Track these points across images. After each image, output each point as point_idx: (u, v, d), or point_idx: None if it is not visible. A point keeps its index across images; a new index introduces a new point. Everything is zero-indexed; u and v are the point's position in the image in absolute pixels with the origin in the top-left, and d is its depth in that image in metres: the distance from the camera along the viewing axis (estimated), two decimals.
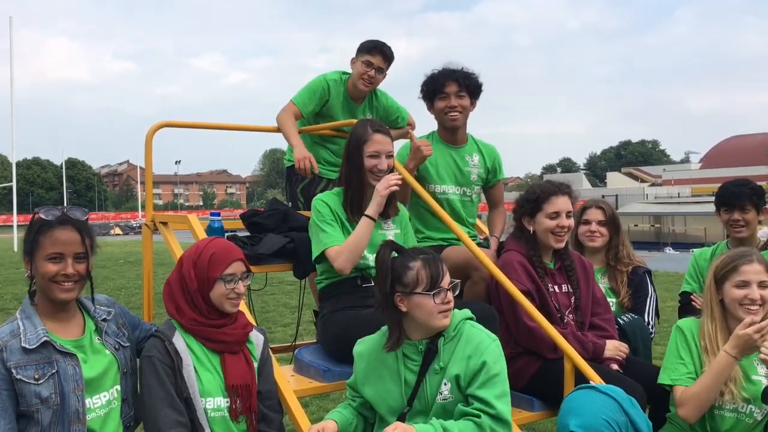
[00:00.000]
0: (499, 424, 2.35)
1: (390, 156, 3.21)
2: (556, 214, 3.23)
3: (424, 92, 3.86)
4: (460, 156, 3.85)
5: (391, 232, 3.24)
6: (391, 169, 3.23)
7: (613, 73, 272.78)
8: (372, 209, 3.09)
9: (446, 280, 2.45)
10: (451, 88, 3.73)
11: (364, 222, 3.07)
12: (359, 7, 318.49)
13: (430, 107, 3.85)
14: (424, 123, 4.35)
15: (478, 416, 2.33)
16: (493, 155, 3.97)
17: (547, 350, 3.05)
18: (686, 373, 2.81)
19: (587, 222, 3.76)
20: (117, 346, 2.52)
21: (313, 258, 3.13)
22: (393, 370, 2.50)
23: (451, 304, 2.46)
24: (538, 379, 3.08)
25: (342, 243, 3.05)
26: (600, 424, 2.35)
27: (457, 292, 2.50)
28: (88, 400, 2.35)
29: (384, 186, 3.09)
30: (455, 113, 3.75)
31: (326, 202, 3.18)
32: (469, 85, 3.77)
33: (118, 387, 2.47)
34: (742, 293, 2.78)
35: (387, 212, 3.24)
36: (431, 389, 2.45)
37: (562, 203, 3.25)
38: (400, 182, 3.14)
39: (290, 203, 4.41)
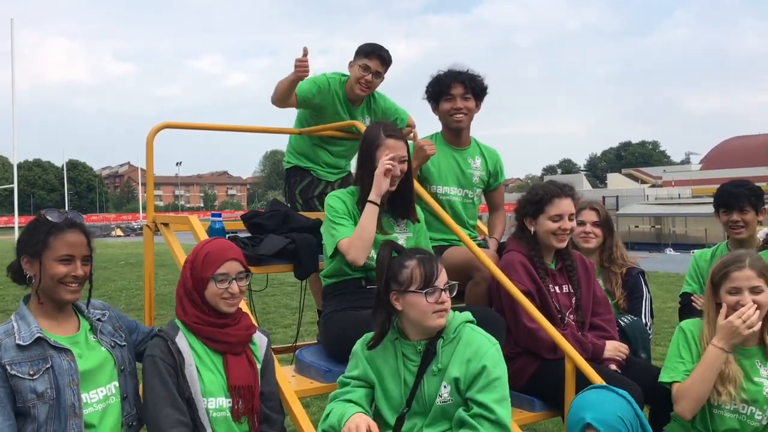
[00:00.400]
0: (499, 428, 2.35)
1: (403, 161, 3.13)
2: (558, 217, 3.21)
3: (429, 93, 3.86)
4: (463, 158, 3.86)
5: (402, 235, 3.21)
6: (405, 174, 3.16)
7: (613, 73, 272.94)
8: (373, 193, 3.04)
9: (441, 280, 2.44)
10: (457, 90, 3.74)
11: (368, 208, 3.04)
12: (359, 8, 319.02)
13: (435, 108, 3.86)
14: (425, 124, 4.36)
15: (476, 428, 2.33)
16: (495, 158, 3.98)
17: (547, 351, 3.05)
18: (684, 371, 2.82)
19: (582, 223, 3.75)
20: (113, 344, 2.53)
21: (329, 255, 3.10)
22: (393, 369, 2.51)
23: (447, 305, 2.45)
24: (536, 379, 3.08)
25: None
26: (615, 420, 2.38)
27: (454, 293, 2.49)
28: (84, 395, 2.36)
29: (379, 168, 3.04)
30: (460, 115, 3.76)
31: (341, 198, 3.16)
32: (475, 87, 3.78)
33: (116, 383, 2.48)
34: (735, 300, 2.77)
35: (407, 215, 3.22)
36: (429, 390, 2.45)
37: (565, 206, 3.23)
38: (393, 163, 3.06)
39: (289, 204, 4.41)
